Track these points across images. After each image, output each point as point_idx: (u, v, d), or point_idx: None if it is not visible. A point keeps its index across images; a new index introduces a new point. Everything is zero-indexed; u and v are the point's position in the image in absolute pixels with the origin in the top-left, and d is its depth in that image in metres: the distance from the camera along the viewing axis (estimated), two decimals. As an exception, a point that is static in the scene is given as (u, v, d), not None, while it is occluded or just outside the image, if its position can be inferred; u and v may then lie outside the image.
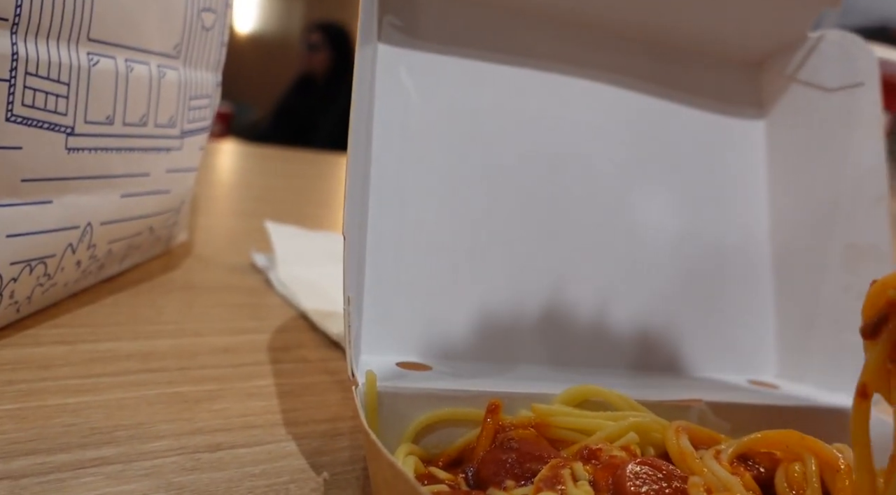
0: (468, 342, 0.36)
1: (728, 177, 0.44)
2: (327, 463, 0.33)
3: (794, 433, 0.28)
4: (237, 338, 0.46)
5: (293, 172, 1.33)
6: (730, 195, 0.44)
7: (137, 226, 0.49)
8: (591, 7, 0.41)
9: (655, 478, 0.26)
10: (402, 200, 0.37)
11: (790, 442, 0.27)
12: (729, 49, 0.45)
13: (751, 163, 0.44)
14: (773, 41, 0.45)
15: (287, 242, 0.63)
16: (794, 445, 0.27)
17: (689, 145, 0.43)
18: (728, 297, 0.42)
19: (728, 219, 0.43)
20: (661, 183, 0.42)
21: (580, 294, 0.39)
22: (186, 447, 0.32)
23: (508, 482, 0.27)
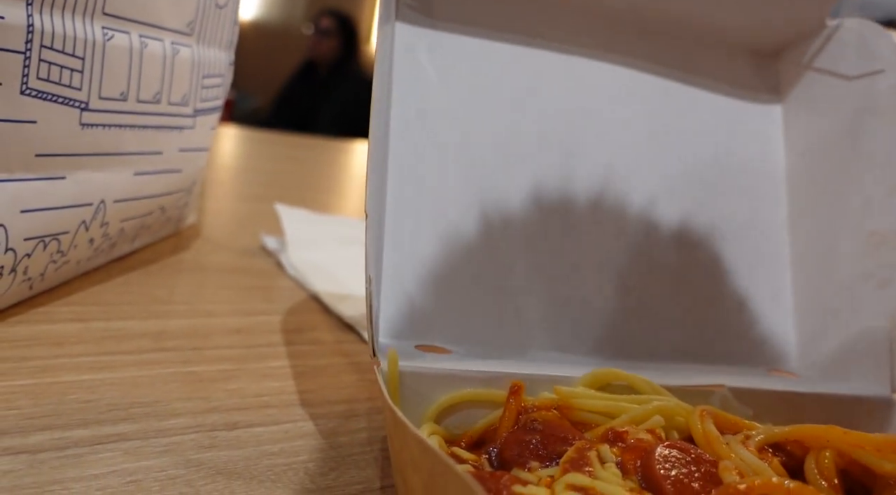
0: (488, 327, 0.36)
1: (745, 164, 0.43)
2: (345, 443, 0.33)
3: (836, 428, 0.27)
4: (250, 320, 0.46)
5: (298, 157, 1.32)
6: (747, 183, 0.43)
7: (149, 205, 0.49)
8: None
9: (685, 462, 0.25)
10: (421, 182, 0.37)
11: (831, 437, 0.27)
12: (746, 37, 0.44)
13: (768, 150, 0.44)
14: (790, 30, 0.44)
15: (297, 225, 0.63)
16: (835, 441, 0.27)
17: (706, 132, 0.43)
18: (745, 285, 0.42)
19: (745, 207, 0.43)
20: (677, 170, 0.42)
21: (598, 281, 0.39)
22: (203, 425, 0.32)
23: (532, 463, 0.27)
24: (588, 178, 0.40)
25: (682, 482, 0.25)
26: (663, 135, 0.42)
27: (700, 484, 0.25)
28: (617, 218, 0.40)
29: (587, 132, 0.41)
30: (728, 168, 0.43)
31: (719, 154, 0.43)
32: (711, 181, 0.43)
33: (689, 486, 0.25)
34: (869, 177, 0.41)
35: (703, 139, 0.43)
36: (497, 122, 0.39)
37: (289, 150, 1.40)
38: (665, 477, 0.25)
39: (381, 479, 0.31)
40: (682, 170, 0.42)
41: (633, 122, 0.42)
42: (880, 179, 0.40)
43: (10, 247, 0.36)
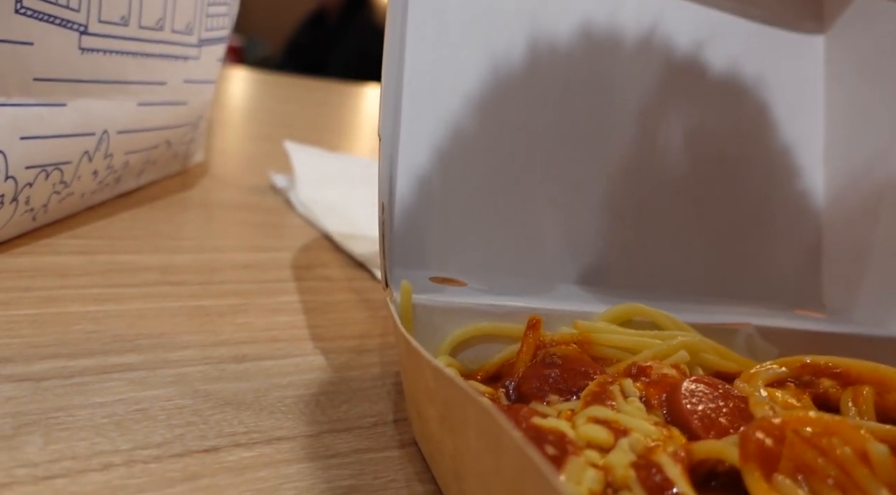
0: (505, 258, 0.35)
1: (783, 95, 0.41)
2: (357, 377, 0.32)
3: (890, 368, 0.26)
4: (258, 256, 0.45)
5: (308, 100, 1.30)
6: (783, 115, 0.41)
7: (154, 137, 0.47)
8: None
9: (712, 397, 0.24)
10: (436, 110, 0.35)
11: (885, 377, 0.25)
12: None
13: (807, 80, 0.42)
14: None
15: (307, 163, 0.61)
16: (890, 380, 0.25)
17: (744, 59, 0.41)
18: (776, 224, 0.40)
19: (780, 138, 0.41)
20: (712, 98, 0.40)
21: (623, 212, 0.37)
22: (211, 357, 0.31)
23: (552, 396, 0.26)
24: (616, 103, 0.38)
25: (710, 417, 0.24)
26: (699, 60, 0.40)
27: (728, 418, 0.24)
28: (646, 147, 0.38)
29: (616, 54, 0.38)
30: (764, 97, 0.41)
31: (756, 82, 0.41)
32: (746, 111, 0.41)
33: (716, 421, 0.23)
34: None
35: (740, 66, 0.41)
36: (521, 49, 0.37)
37: (299, 93, 1.37)
38: (692, 412, 0.24)
39: (393, 413, 0.30)
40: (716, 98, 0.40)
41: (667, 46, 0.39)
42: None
43: (11, 175, 0.34)
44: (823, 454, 0.20)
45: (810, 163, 0.41)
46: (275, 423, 0.27)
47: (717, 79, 0.40)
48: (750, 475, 0.19)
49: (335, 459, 0.26)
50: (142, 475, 0.23)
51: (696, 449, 0.22)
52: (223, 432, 0.26)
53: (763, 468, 0.19)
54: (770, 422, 0.20)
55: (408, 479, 0.26)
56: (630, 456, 0.21)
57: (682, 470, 0.20)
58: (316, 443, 0.27)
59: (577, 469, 0.20)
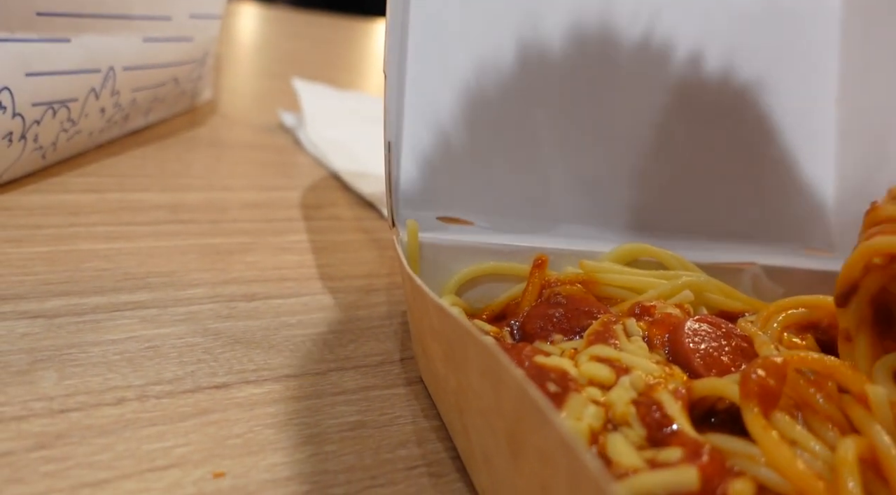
0: (511, 197, 0.34)
1: (794, 29, 0.40)
2: (364, 316, 0.33)
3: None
4: (268, 195, 0.45)
5: (319, 37, 1.27)
6: (798, 51, 0.40)
7: (161, 75, 0.47)
8: None
9: (714, 336, 0.25)
10: (445, 46, 0.34)
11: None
12: None
13: (821, 14, 0.40)
14: None
15: (316, 101, 0.61)
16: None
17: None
18: (788, 162, 0.39)
19: (791, 77, 0.39)
20: (719, 37, 0.38)
21: (629, 151, 0.37)
22: (221, 295, 0.32)
23: (556, 336, 0.26)
24: (623, 49, 0.37)
25: (712, 355, 0.24)
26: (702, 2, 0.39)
27: (730, 357, 0.24)
28: (653, 88, 0.38)
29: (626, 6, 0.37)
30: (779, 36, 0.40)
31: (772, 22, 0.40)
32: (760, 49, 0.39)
33: (718, 360, 0.24)
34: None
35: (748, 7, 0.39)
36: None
37: (309, 29, 1.35)
38: (694, 351, 0.24)
39: (400, 351, 0.30)
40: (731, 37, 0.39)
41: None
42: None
43: (18, 113, 0.34)
44: (823, 393, 0.20)
45: (823, 103, 0.40)
46: (283, 361, 0.28)
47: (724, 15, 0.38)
48: (749, 412, 0.20)
49: (342, 396, 0.27)
50: (154, 409, 0.24)
51: (697, 386, 0.22)
52: (233, 369, 0.27)
53: (762, 405, 0.20)
54: (772, 361, 0.20)
55: (413, 415, 0.26)
56: (631, 394, 0.21)
57: (682, 407, 0.21)
58: (324, 381, 0.27)
59: (577, 405, 0.20)
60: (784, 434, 0.19)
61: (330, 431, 0.24)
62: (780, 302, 0.27)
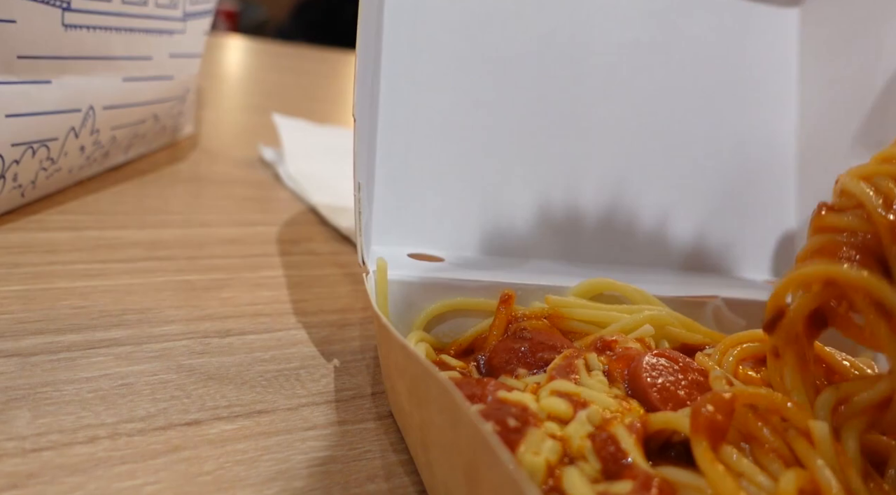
0: (481, 234, 0.35)
1: (756, 68, 0.41)
2: (337, 351, 0.33)
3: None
4: (245, 230, 0.45)
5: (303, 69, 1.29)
6: (757, 88, 0.41)
7: (141, 112, 0.48)
8: None
9: (672, 370, 0.25)
10: (415, 86, 0.36)
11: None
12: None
13: (781, 54, 0.42)
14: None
15: (296, 136, 0.62)
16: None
17: (718, 34, 0.41)
18: (749, 194, 0.41)
19: (754, 113, 0.41)
20: (685, 73, 0.40)
21: (596, 188, 0.38)
22: (196, 332, 0.32)
23: (520, 370, 0.27)
24: (589, 83, 0.39)
25: (669, 389, 0.25)
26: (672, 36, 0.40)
27: (686, 391, 0.25)
28: (620, 124, 0.39)
29: (590, 35, 0.39)
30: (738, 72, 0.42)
31: (730, 56, 0.41)
32: (720, 86, 0.41)
33: (675, 394, 0.25)
34: (880, 86, 0.39)
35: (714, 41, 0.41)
36: (496, 23, 0.37)
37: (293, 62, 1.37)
38: (651, 385, 0.25)
39: (372, 386, 0.31)
40: (690, 74, 0.40)
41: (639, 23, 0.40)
42: (892, 89, 0.39)
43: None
44: (770, 426, 0.21)
45: (784, 137, 0.42)
46: (256, 397, 0.28)
47: (692, 52, 0.40)
48: (698, 445, 0.20)
49: (313, 431, 0.27)
50: (126, 447, 0.24)
51: (652, 420, 0.23)
52: (205, 405, 0.27)
53: (711, 439, 0.21)
54: (720, 397, 0.21)
55: (382, 450, 0.27)
56: (587, 428, 0.22)
57: (636, 441, 0.21)
58: (295, 416, 0.28)
59: (535, 439, 0.21)
60: (731, 466, 0.20)
61: (299, 467, 0.25)
62: (736, 335, 0.28)
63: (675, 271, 0.37)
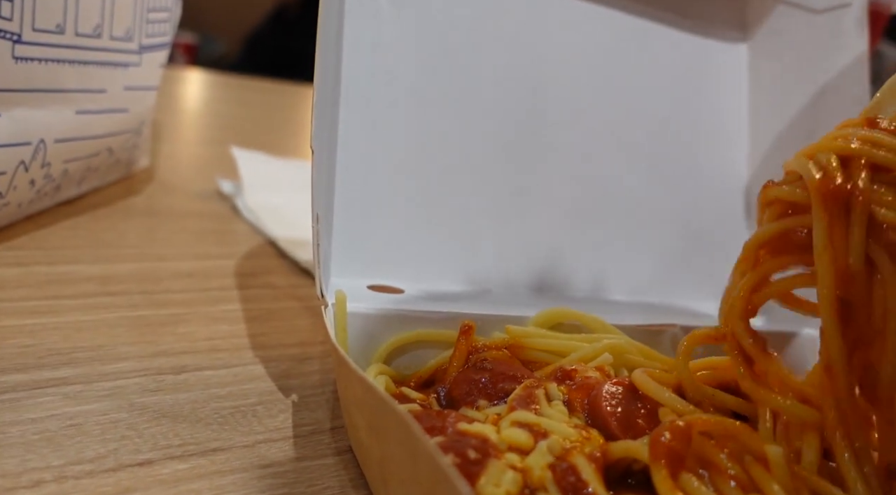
0: (442, 265, 0.35)
1: (708, 101, 0.43)
2: (296, 385, 0.33)
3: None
4: (203, 264, 0.45)
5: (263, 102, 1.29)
6: (709, 120, 0.43)
7: (95, 145, 0.47)
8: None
9: (630, 399, 0.25)
10: (375, 119, 0.36)
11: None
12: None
13: (732, 87, 0.43)
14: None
15: (254, 168, 0.61)
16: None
17: (671, 68, 0.42)
18: (705, 225, 0.42)
19: (707, 145, 0.42)
20: (642, 105, 0.41)
21: (555, 217, 0.38)
22: (149, 369, 0.31)
23: (481, 401, 0.27)
24: (548, 116, 0.39)
25: (628, 418, 0.25)
26: (628, 70, 0.41)
27: (644, 420, 0.25)
28: (578, 156, 0.40)
29: (549, 68, 0.40)
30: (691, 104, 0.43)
31: (683, 90, 0.42)
32: (674, 118, 0.42)
33: (634, 422, 0.25)
34: (832, 117, 0.40)
35: (668, 75, 0.42)
36: (455, 57, 0.38)
37: (253, 95, 1.36)
38: (611, 414, 0.25)
39: (331, 420, 0.30)
40: (645, 107, 0.41)
41: (596, 58, 0.41)
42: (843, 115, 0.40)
43: (-58, 188, 0.34)
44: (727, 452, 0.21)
45: (736, 167, 0.43)
46: (211, 435, 0.28)
47: (646, 87, 0.41)
48: (658, 473, 0.20)
49: (270, 468, 0.26)
50: (73, 490, 0.23)
51: (613, 449, 0.23)
52: (158, 445, 0.26)
53: (670, 466, 0.21)
54: (677, 425, 0.21)
55: (342, 486, 0.26)
56: (548, 458, 0.22)
57: (596, 470, 0.21)
58: (251, 454, 0.27)
59: (496, 471, 0.21)
60: (690, 493, 0.20)
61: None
62: (694, 363, 0.28)
63: (634, 299, 0.38)
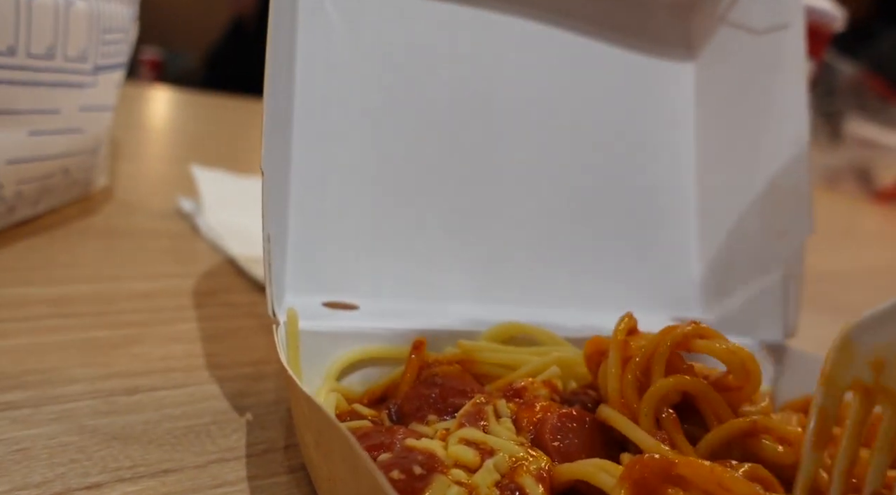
0: (397, 280, 0.36)
1: (657, 118, 0.44)
2: (251, 404, 0.33)
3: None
4: (160, 283, 0.45)
5: (227, 119, 1.29)
6: (658, 136, 0.44)
7: (50, 166, 0.47)
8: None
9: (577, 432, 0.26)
10: (328, 136, 0.36)
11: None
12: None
13: (679, 104, 0.44)
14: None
15: (215, 187, 0.61)
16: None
17: (619, 86, 0.43)
18: (654, 237, 0.43)
19: (655, 160, 0.43)
20: (590, 124, 0.42)
21: (508, 232, 0.39)
22: (101, 390, 0.31)
23: (431, 416, 0.27)
24: (500, 132, 0.40)
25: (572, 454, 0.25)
26: (578, 88, 0.42)
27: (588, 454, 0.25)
28: (530, 171, 0.40)
29: (499, 87, 0.40)
30: (641, 121, 0.44)
31: (633, 107, 0.44)
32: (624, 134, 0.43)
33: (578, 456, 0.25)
34: (775, 132, 0.42)
35: (617, 93, 0.43)
36: (408, 76, 0.38)
37: (216, 112, 1.36)
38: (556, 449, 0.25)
39: (285, 439, 0.30)
40: (595, 124, 0.42)
41: (547, 76, 0.42)
42: (782, 134, 0.41)
43: None
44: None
45: (685, 183, 0.44)
46: (162, 456, 0.28)
47: (596, 105, 0.42)
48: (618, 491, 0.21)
49: (222, 488, 0.26)
50: (18, 516, 0.23)
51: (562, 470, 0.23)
52: (107, 467, 0.26)
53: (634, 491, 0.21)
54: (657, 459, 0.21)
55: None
56: (494, 476, 0.22)
57: (544, 491, 0.22)
58: (203, 474, 0.27)
59: (441, 487, 0.21)
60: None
61: (206, 527, 0.24)
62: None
63: (585, 312, 0.39)
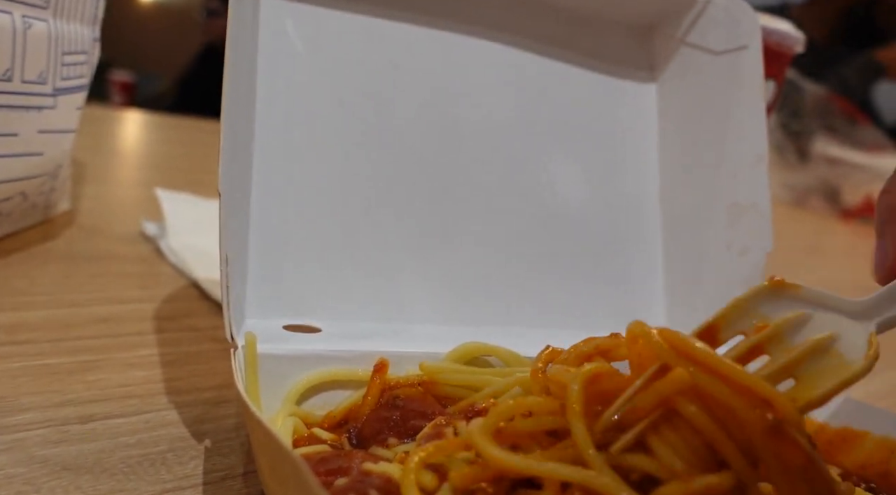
0: (360, 302, 0.36)
1: (620, 138, 0.44)
2: (210, 430, 0.32)
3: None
4: (121, 308, 0.44)
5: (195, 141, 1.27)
6: (621, 156, 0.44)
7: (6, 190, 0.46)
8: (484, -36, 0.40)
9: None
10: (290, 157, 0.36)
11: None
12: (622, 12, 0.45)
13: (642, 124, 0.45)
14: (664, 4, 0.45)
15: (179, 210, 0.60)
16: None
17: (583, 107, 0.44)
18: (619, 255, 0.43)
19: (620, 180, 0.44)
20: (554, 144, 0.42)
21: (473, 253, 0.39)
22: (54, 419, 0.30)
23: (391, 439, 0.26)
24: (465, 153, 0.40)
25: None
26: (541, 110, 0.43)
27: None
28: (494, 192, 0.41)
29: (463, 108, 0.41)
30: (603, 141, 0.44)
31: (595, 128, 0.44)
32: (587, 155, 0.43)
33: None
34: (735, 150, 0.42)
35: (580, 114, 0.44)
36: (371, 96, 0.38)
37: (185, 134, 1.35)
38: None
39: (244, 465, 0.30)
40: (559, 145, 0.43)
41: (509, 98, 0.42)
42: (742, 152, 0.42)
43: None
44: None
45: (649, 201, 0.44)
46: (115, 486, 0.27)
47: (559, 125, 0.42)
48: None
49: (176, 518, 0.26)
50: (-42, 552, 0.22)
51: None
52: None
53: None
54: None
55: (251, 532, 0.26)
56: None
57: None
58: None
59: (397, 512, 0.21)
60: None
61: (158, 559, 0.24)
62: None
63: (550, 331, 0.38)
